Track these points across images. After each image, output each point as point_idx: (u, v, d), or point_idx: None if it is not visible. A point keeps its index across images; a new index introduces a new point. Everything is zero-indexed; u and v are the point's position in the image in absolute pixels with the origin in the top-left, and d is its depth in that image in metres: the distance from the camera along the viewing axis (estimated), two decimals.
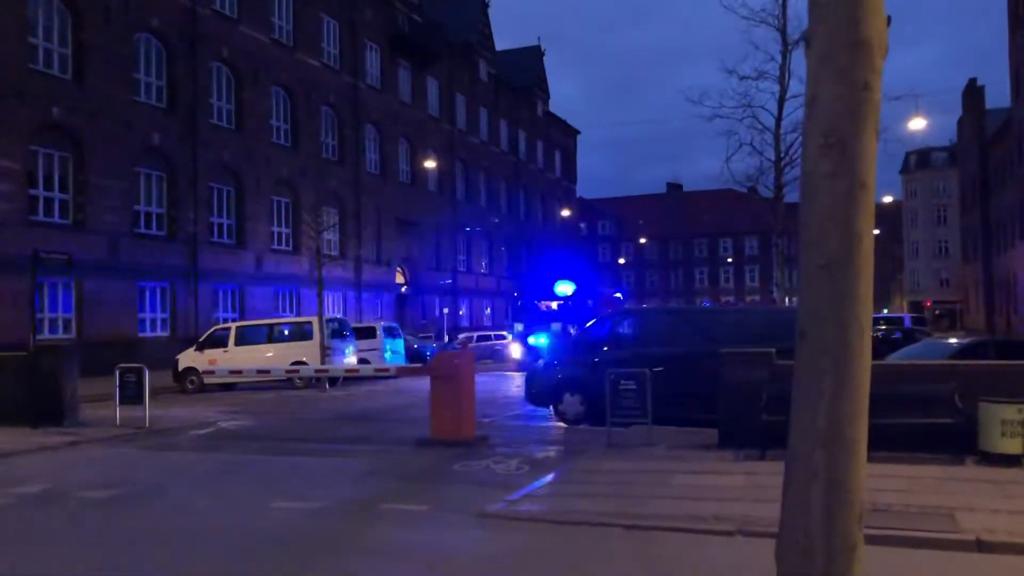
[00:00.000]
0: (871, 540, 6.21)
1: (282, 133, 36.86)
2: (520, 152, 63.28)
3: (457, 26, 52.93)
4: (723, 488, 8.30)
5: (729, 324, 14.42)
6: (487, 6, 57.12)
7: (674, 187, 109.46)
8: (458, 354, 13.02)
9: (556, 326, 29.19)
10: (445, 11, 53.53)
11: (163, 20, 30.05)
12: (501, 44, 62.11)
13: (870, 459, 7.64)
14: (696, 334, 13.53)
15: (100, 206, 27.26)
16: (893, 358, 14.31)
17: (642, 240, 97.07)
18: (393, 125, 45.56)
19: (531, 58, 65.73)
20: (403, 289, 46.56)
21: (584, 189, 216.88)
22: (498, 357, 35.73)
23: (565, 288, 28.38)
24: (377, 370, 18.20)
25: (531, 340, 29.12)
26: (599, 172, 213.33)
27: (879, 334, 27.81)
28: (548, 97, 68.77)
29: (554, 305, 28.27)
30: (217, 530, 7.36)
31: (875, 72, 3.04)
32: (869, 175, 3.05)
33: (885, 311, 78.53)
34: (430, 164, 45.06)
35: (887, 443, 9.27)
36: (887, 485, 7.90)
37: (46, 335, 24.26)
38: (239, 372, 18.32)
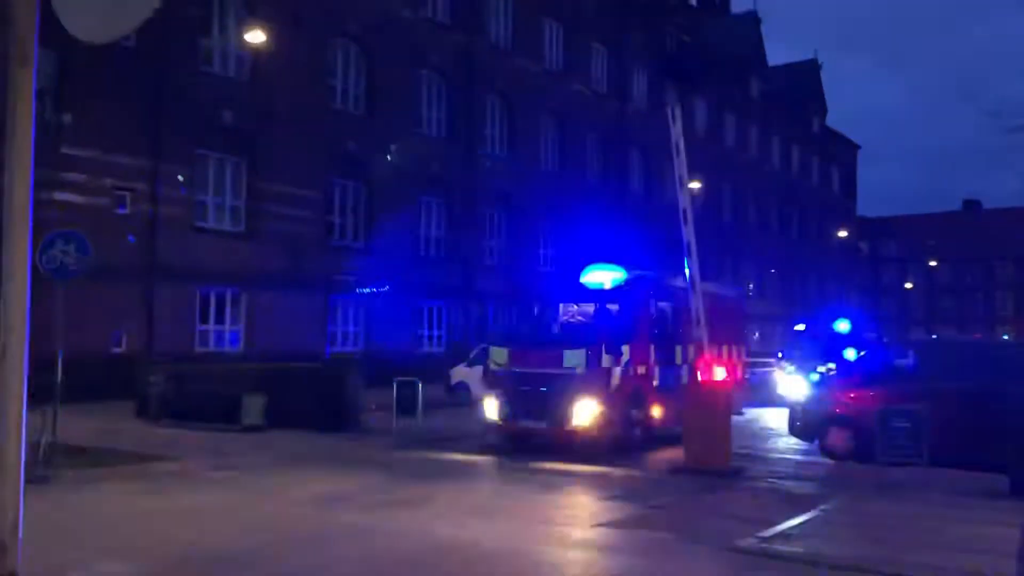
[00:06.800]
0: None
1: (550, 159, 38.11)
2: (793, 170, 60.72)
3: (729, 44, 51.94)
4: (1006, 541, 7.41)
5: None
6: (759, 22, 55.57)
7: (971, 204, 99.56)
8: (715, 381, 12.73)
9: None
10: (716, 30, 52.64)
11: (441, 56, 32.26)
12: (794, 52, 59.63)
13: None
14: (986, 368, 12.25)
15: (387, 231, 29.70)
16: None
17: (933, 262, 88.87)
18: (658, 148, 45.44)
19: (807, 72, 63.00)
20: None
21: (876, 205, 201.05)
22: (764, 385, 34.36)
23: (603, 277, 15.52)
24: None
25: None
26: (895, 186, 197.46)
27: None
28: (825, 111, 65.42)
29: (590, 309, 15.78)
30: (483, 548, 7.72)
31: None
32: None
33: None
34: (696, 185, 44.40)
35: None
36: None
37: (338, 347, 26.75)
38: None
